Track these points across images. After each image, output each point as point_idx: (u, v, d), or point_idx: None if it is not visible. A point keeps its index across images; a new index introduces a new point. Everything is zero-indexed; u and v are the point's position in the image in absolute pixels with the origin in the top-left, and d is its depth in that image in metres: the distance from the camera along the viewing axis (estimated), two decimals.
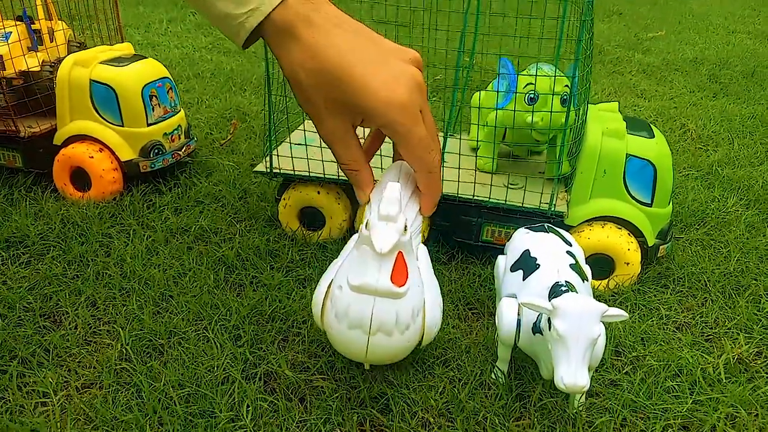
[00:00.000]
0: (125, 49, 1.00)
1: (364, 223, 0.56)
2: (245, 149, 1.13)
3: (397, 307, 0.55)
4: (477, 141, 0.90)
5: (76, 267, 0.79)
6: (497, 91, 0.82)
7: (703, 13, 2.81)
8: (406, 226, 0.56)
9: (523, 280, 0.62)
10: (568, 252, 0.64)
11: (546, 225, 0.69)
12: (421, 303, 0.58)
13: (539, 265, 0.61)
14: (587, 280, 0.63)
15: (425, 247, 0.65)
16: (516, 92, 0.79)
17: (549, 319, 0.52)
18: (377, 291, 0.55)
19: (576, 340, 0.49)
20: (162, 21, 2.02)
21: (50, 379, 0.61)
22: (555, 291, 0.54)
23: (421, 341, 0.60)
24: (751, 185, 1.09)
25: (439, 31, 0.86)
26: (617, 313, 0.51)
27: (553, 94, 0.77)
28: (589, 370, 0.52)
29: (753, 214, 1.00)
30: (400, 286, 0.55)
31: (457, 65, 0.74)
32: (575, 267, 0.62)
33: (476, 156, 0.89)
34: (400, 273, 0.56)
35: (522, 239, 0.67)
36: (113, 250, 0.82)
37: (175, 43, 1.80)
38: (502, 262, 0.69)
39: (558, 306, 0.50)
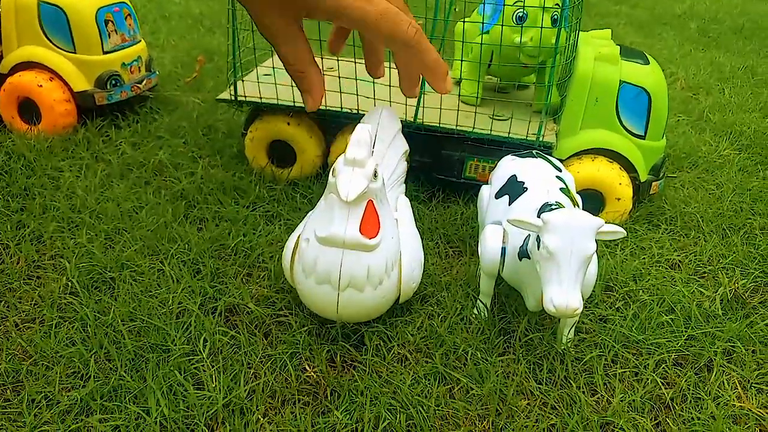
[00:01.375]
0: None
1: (330, 169, 0.51)
2: (211, 87, 1.06)
3: (368, 260, 0.50)
4: (460, 73, 0.84)
5: (21, 200, 0.72)
6: (482, 15, 0.76)
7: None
8: (376, 172, 0.50)
9: (509, 204, 0.56)
10: (558, 177, 0.59)
11: (534, 152, 0.63)
12: (396, 256, 0.53)
13: (527, 189, 0.56)
14: (577, 206, 0.57)
15: (407, 199, 0.59)
16: (504, 5, 0.73)
17: (538, 238, 0.47)
18: (345, 243, 0.49)
19: (568, 257, 0.44)
20: None
21: None
22: (544, 210, 0.49)
23: (398, 299, 0.54)
24: (742, 131, 1.05)
25: None
26: (614, 229, 0.46)
27: (543, 8, 0.71)
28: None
29: (745, 158, 0.95)
30: (370, 238, 0.50)
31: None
32: (566, 192, 0.57)
33: (459, 89, 0.83)
34: (370, 223, 0.50)
35: (508, 165, 0.61)
36: (63, 183, 0.75)
37: None
38: (486, 192, 0.63)
39: (549, 220, 0.45)
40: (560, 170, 0.61)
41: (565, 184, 0.58)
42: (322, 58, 0.88)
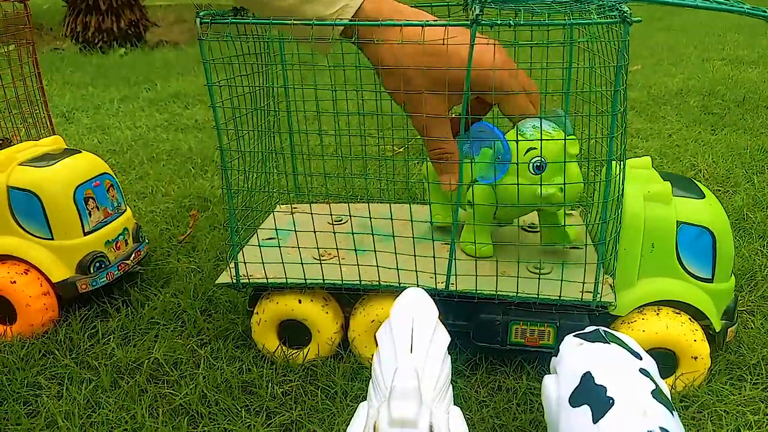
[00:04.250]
0: (54, 143, 0.84)
1: (369, 425, 0.40)
2: (207, 244, 0.96)
3: None
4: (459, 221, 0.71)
5: None
6: (472, 160, 0.67)
7: (672, 44, 2.76)
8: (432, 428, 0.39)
9: (594, 422, 0.45)
10: (641, 371, 0.48)
11: (602, 331, 0.53)
12: None
13: (613, 401, 0.45)
14: (674, 410, 0.46)
15: (458, 410, 0.48)
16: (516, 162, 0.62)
17: None
18: None
19: None
20: (113, 101, 1.87)
21: None
22: None
23: None
24: None
25: None
26: None
27: (564, 160, 0.60)
28: None
29: None
30: None
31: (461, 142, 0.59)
32: (658, 394, 0.46)
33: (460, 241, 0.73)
34: None
35: (577, 357, 0.50)
36: (41, 407, 0.63)
37: (127, 124, 1.64)
38: (553, 387, 0.52)
39: None
40: (640, 357, 0.50)
41: (653, 381, 0.47)
42: (330, 208, 0.79)
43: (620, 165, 0.62)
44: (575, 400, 0.48)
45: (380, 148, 1.03)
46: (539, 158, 0.62)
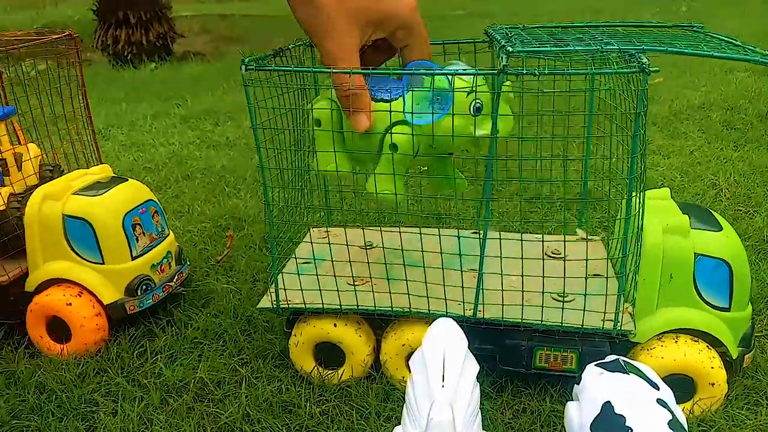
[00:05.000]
0: (102, 172, 0.89)
1: None
2: (244, 265, 1.01)
3: None
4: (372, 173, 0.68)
5: None
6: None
7: None
8: None
9: None
10: (659, 401, 0.51)
11: (622, 361, 0.56)
12: None
13: (631, 430, 0.48)
14: None
15: None
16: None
17: None
18: None
19: None
20: (146, 117, 1.94)
21: None
22: None
23: None
24: None
25: None
26: None
27: (498, 93, 0.58)
28: None
29: None
30: None
31: (488, 175, 0.63)
32: (675, 424, 0.49)
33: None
34: None
35: (598, 386, 0.54)
36: (99, 424, 0.68)
37: (161, 141, 1.71)
38: (575, 414, 0.55)
39: None
40: (658, 387, 0.53)
41: (670, 410, 0.50)
42: (363, 232, 0.84)
43: (640, 201, 0.66)
44: (596, 427, 0.51)
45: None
46: (479, 100, 0.63)
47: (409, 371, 0.54)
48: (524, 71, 0.57)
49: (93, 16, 3.17)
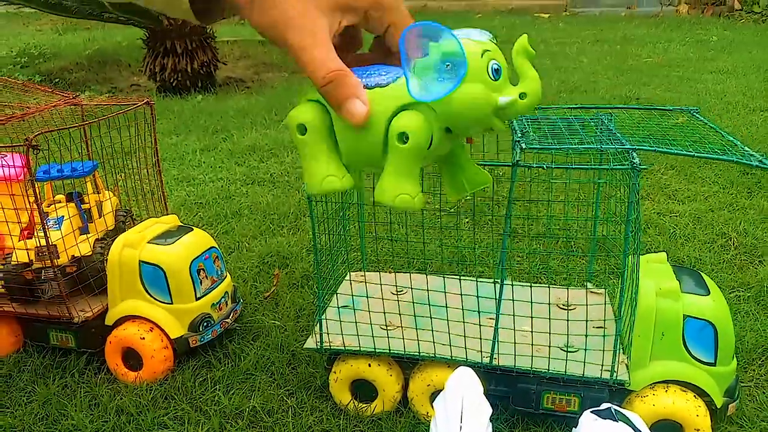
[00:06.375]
0: (171, 221, 1.03)
1: None
2: (288, 301, 1.14)
3: None
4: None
5: None
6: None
7: (720, 90, 2.82)
8: None
9: None
10: None
11: (613, 409, 0.67)
12: None
13: None
14: None
15: None
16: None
17: None
18: None
19: None
20: (195, 151, 2.10)
21: None
22: None
23: None
24: None
25: None
26: None
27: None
28: None
29: None
30: None
31: (505, 236, 0.75)
32: None
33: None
34: None
35: (591, 431, 0.65)
36: None
37: (210, 176, 1.86)
38: None
39: None
40: None
41: None
42: (395, 277, 0.96)
43: (634, 279, 0.76)
44: None
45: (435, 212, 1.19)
46: (495, 61, 0.50)
47: (433, 410, 0.65)
48: (534, 165, 0.68)
49: (142, 45, 3.37)
